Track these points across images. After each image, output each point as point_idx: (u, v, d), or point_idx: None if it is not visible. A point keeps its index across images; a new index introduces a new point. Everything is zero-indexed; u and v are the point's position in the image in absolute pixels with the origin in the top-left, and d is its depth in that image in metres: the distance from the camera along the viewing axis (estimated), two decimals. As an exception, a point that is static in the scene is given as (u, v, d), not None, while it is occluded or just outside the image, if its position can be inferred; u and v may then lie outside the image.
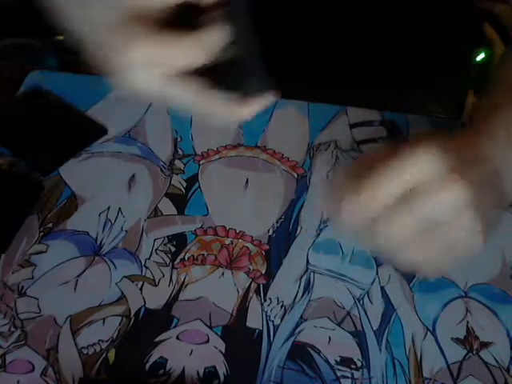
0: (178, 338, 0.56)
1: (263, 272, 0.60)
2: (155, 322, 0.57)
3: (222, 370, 0.54)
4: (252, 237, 0.63)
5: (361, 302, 0.59)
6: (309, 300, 0.59)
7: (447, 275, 0.61)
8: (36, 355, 0.54)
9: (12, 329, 0.55)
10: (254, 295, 0.59)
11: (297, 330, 0.57)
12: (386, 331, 0.57)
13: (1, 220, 0.63)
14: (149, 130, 0.72)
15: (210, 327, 0.56)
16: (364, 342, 0.56)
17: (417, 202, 0.42)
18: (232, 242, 0.63)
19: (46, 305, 0.57)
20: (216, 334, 0.56)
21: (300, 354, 0.55)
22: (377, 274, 0.61)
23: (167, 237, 0.63)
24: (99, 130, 0.71)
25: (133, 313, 0.57)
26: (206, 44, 0.38)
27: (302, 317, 0.57)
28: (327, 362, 0.55)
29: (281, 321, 0.57)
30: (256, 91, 0.42)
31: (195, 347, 0.55)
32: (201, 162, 0.70)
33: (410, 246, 0.44)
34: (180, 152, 0.70)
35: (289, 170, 0.69)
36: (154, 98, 0.41)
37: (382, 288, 0.60)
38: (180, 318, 0.57)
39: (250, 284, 0.60)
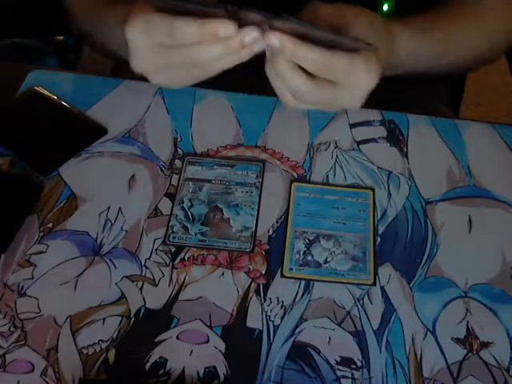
0: (178, 338, 0.56)
1: (263, 272, 0.60)
2: (155, 321, 0.57)
3: (222, 370, 0.54)
4: (252, 237, 0.63)
5: (361, 302, 0.59)
6: (309, 300, 0.59)
7: (448, 275, 0.61)
8: (36, 355, 0.54)
9: (12, 329, 0.55)
10: (254, 295, 0.59)
11: (297, 330, 0.57)
12: (386, 331, 0.57)
13: (1, 220, 0.63)
14: (149, 130, 0.72)
15: (210, 327, 0.56)
16: (364, 342, 0.56)
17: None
18: (232, 242, 0.62)
19: (46, 305, 0.57)
20: (216, 334, 0.56)
21: (300, 354, 0.55)
22: (377, 273, 0.61)
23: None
24: (99, 130, 0.71)
25: (133, 313, 0.57)
26: None
27: (302, 317, 0.57)
28: (327, 361, 0.55)
29: (281, 321, 0.57)
30: None
31: (195, 347, 0.55)
32: (201, 162, 0.70)
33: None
34: (180, 152, 0.70)
35: (289, 170, 0.69)
36: None
37: (382, 288, 0.60)
38: (180, 318, 0.57)
39: (250, 284, 0.59)
